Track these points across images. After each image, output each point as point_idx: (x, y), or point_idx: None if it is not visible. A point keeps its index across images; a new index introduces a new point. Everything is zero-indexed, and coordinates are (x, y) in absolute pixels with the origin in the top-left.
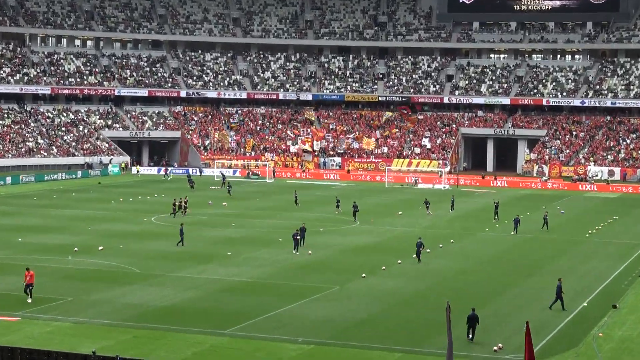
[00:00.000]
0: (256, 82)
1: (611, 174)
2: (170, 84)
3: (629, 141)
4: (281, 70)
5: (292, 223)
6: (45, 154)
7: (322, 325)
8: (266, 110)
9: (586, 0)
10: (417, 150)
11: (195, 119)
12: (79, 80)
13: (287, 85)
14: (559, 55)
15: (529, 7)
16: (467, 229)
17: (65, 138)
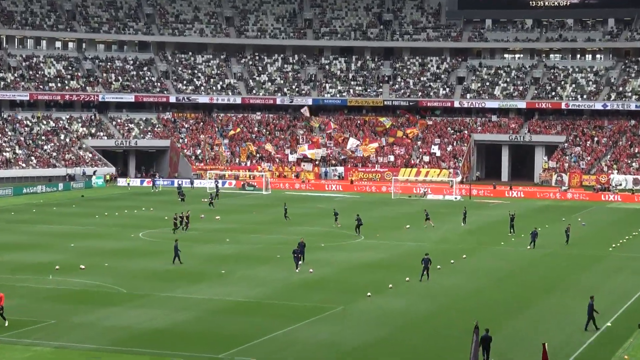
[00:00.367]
0: (251, 86)
1: (636, 182)
2: (158, 89)
3: None
4: (278, 73)
5: (291, 238)
6: (23, 165)
7: (324, 349)
8: (262, 117)
9: None
10: (426, 158)
11: (186, 126)
12: (59, 85)
13: (285, 90)
14: (578, 55)
15: (546, 3)
16: (481, 244)
17: (45, 148)
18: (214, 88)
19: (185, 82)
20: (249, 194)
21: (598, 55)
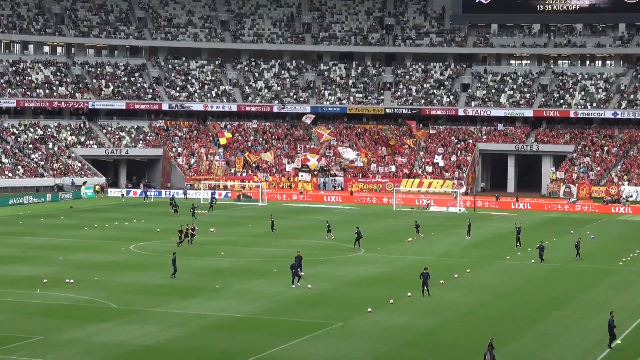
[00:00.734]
0: (247, 93)
1: None
2: (150, 96)
3: None
4: (275, 79)
5: (288, 251)
6: (10, 174)
7: None
8: (259, 125)
9: None
10: (429, 168)
11: (179, 134)
12: (47, 91)
13: (283, 97)
14: (588, 61)
15: (555, 7)
16: (486, 257)
17: (32, 157)
18: (209, 95)
19: (178, 89)
20: (244, 206)
21: (608, 62)
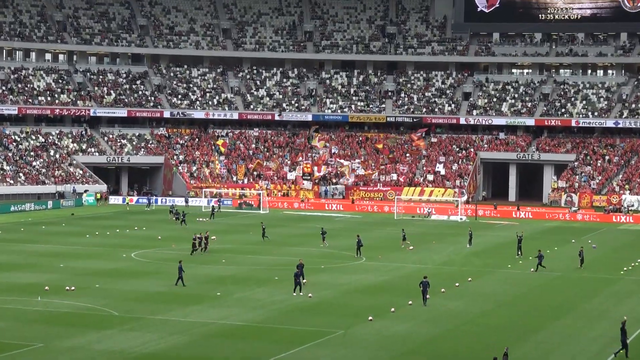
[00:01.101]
0: (249, 101)
1: None
2: (152, 103)
3: None
4: (277, 87)
5: (289, 259)
6: (11, 182)
7: None
8: (260, 133)
9: (620, 9)
10: (430, 177)
11: (181, 142)
12: (49, 99)
13: (284, 105)
14: (589, 71)
15: (556, 17)
16: (487, 266)
17: (34, 164)
18: (210, 103)
19: (180, 97)
20: (245, 213)
21: (610, 71)
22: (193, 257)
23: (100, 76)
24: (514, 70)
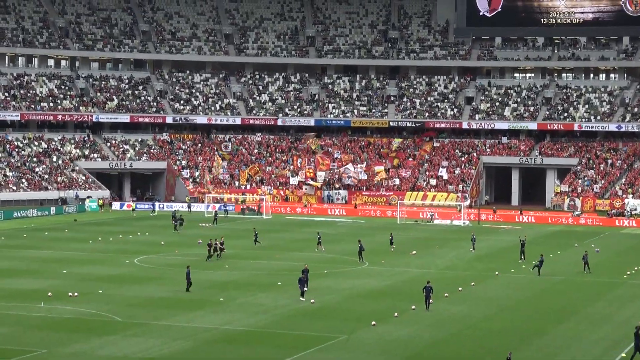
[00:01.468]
0: (251, 106)
1: None
2: (154, 109)
3: None
4: (280, 92)
5: (293, 265)
6: (14, 188)
7: None
8: (262, 138)
9: (622, 13)
10: (433, 181)
11: (183, 147)
12: (52, 105)
13: (287, 110)
14: (592, 75)
15: (558, 21)
16: (490, 270)
17: (36, 170)
18: (213, 108)
19: (182, 102)
20: (248, 219)
21: (612, 75)
22: (197, 263)
23: (103, 82)
24: (516, 75)
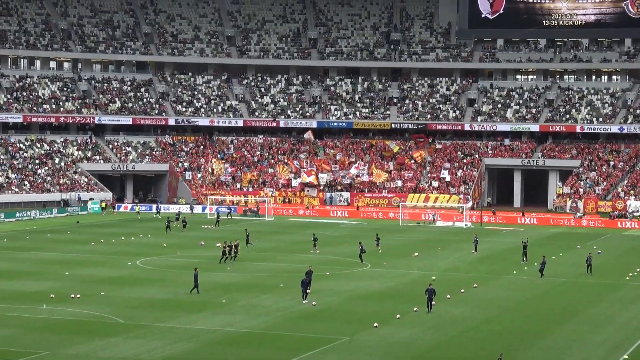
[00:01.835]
0: (254, 108)
1: None
2: (157, 111)
3: None
4: (282, 94)
5: (295, 266)
6: (16, 189)
7: None
8: (265, 140)
9: (624, 15)
10: (435, 183)
11: (186, 149)
12: (54, 107)
13: (289, 112)
14: (594, 76)
15: (560, 23)
16: (492, 272)
17: (39, 172)
18: (215, 110)
19: (184, 104)
20: (250, 221)
21: (614, 77)
22: (197, 265)
23: (105, 84)
24: (518, 77)
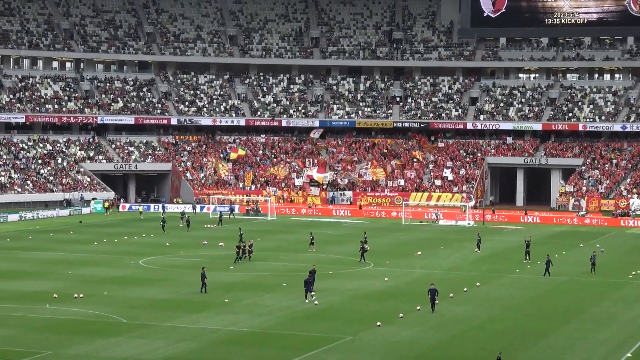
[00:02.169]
0: (256, 108)
1: None
2: (159, 110)
3: None
4: (284, 93)
5: (298, 266)
6: (19, 189)
7: None
8: (267, 139)
9: (627, 13)
10: (438, 182)
11: (188, 149)
12: (57, 107)
13: (291, 111)
14: (596, 75)
15: (563, 21)
16: (495, 271)
17: (41, 172)
18: (217, 109)
19: (187, 104)
20: (253, 220)
21: (617, 75)
22: (200, 264)
23: (108, 84)
24: (520, 75)
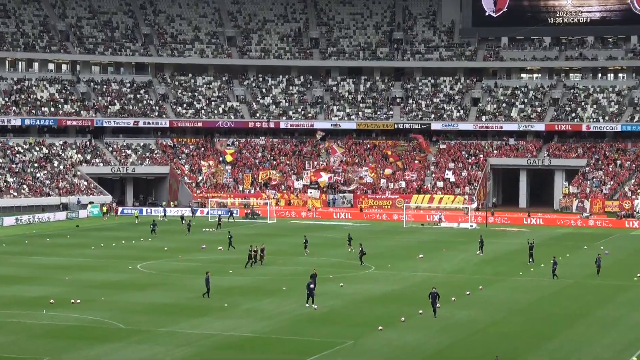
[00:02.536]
0: (255, 109)
1: None
2: (157, 113)
3: None
4: (283, 95)
5: (297, 270)
6: (15, 193)
7: None
8: (266, 141)
9: (630, 12)
10: (440, 184)
11: (186, 151)
12: (53, 109)
13: (290, 113)
14: (599, 74)
15: (565, 20)
16: (498, 274)
17: (37, 175)
18: (216, 111)
19: (185, 106)
20: (252, 223)
21: (620, 75)
22: (200, 268)
23: (104, 86)
24: (523, 75)
